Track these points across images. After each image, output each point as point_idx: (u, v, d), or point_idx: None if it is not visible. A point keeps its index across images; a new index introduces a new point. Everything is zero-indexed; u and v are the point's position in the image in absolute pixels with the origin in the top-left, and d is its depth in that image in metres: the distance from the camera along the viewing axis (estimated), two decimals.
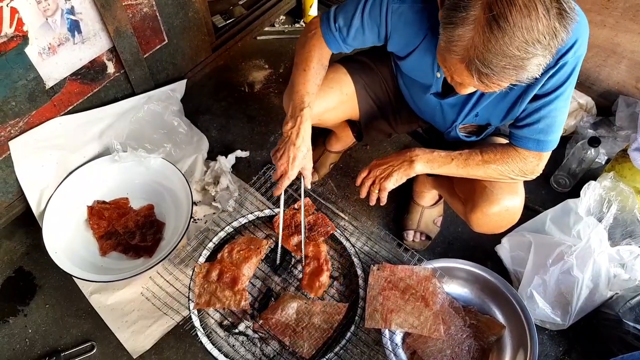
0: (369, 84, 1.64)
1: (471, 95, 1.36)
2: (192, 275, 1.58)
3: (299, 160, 1.37)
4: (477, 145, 1.45)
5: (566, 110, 1.29)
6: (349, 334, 1.49)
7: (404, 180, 1.42)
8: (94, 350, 1.68)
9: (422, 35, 1.29)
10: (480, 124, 1.51)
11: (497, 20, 0.94)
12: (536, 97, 1.26)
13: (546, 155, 1.37)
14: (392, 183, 1.41)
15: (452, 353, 1.59)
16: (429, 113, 1.58)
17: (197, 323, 1.50)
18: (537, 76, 1.04)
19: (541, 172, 1.41)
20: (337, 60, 1.65)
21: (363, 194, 1.47)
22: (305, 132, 1.38)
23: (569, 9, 0.96)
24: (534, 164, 1.37)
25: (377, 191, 1.44)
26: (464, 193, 1.57)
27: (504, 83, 1.04)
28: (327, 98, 1.58)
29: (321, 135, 2.14)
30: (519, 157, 1.37)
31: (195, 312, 1.52)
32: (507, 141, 1.43)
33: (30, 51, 1.57)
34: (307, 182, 1.47)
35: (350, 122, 1.85)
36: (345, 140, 2.06)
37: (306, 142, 1.38)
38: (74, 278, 1.74)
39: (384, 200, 1.45)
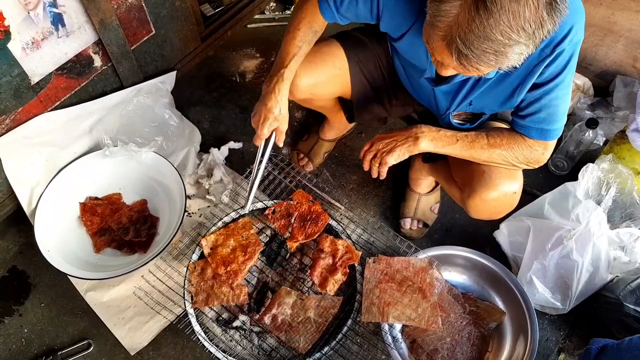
0: (363, 61, 1.61)
1: (464, 83, 1.34)
2: (186, 273, 1.55)
3: (269, 121, 1.37)
4: (484, 128, 1.42)
5: (568, 98, 1.26)
6: (345, 328, 1.47)
7: (406, 156, 1.39)
8: (91, 348, 1.67)
9: (414, 16, 1.25)
10: (475, 113, 1.48)
11: (484, 0, 0.91)
12: (535, 86, 1.24)
13: (551, 145, 1.35)
14: (394, 158, 1.38)
15: (452, 340, 1.58)
16: (424, 96, 1.56)
17: (193, 320, 1.48)
18: (517, 65, 1.02)
19: (545, 162, 1.39)
20: (333, 35, 1.63)
21: (366, 167, 1.44)
22: (280, 92, 1.37)
23: (560, 1, 0.93)
24: (539, 152, 1.35)
25: (377, 165, 1.41)
26: (462, 179, 1.55)
27: (483, 68, 1.01)
28: (319, 71, 1.56)
29: (314, 124, 2.10)
30: (525, 145, 1.34)
31: (192, 310, 1.51)
32: (506, 126, 1.40)
33: (13, 46, 1.53)
34: (279, 141, 1.44)
35: (342, 104, 1.81)
36: (338, 127, 2.03)
37: (280, 102, 1.38)
38: (68, 276, 1.72)
39: (383, 174, 1.41)
